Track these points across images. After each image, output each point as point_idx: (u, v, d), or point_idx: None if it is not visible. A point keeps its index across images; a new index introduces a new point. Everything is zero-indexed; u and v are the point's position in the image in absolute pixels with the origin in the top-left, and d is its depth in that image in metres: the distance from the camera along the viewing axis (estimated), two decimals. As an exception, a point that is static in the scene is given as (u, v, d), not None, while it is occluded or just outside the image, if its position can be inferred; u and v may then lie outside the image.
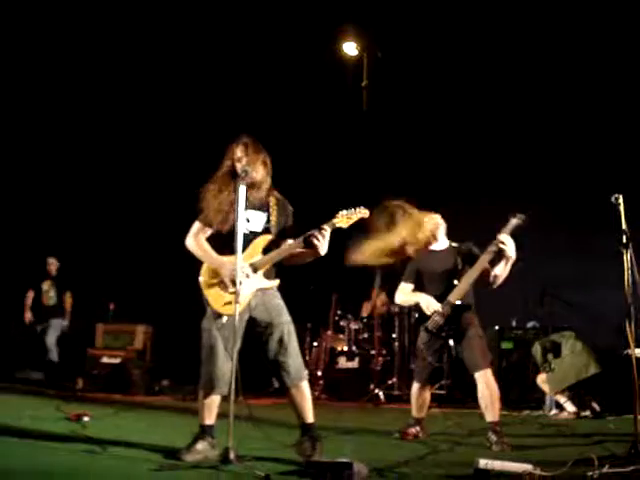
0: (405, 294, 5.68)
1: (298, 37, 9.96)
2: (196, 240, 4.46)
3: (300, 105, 10.37)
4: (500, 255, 5.22)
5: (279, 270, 4.54)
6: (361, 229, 5.32)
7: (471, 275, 5.32)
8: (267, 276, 4.38)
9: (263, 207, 4.43)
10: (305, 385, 4.41)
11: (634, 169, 8.52)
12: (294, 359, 4.36)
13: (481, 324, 5.55)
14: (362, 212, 4.36)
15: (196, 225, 4.48)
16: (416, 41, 10.07)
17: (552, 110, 9.42)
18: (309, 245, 4.25)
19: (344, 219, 4.29)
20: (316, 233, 4.22)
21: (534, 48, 9.35)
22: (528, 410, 7.70)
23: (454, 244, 5.66)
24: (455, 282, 5.37)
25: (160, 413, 7.10)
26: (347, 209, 4.31)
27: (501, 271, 5.27)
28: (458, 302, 5.35)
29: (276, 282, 4.39)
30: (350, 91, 10.95)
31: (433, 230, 5.63)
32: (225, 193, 4.37)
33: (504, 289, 5.37)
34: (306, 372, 4.48)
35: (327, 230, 4.24)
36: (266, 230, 4.40)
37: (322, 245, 4.24)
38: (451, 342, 5.42)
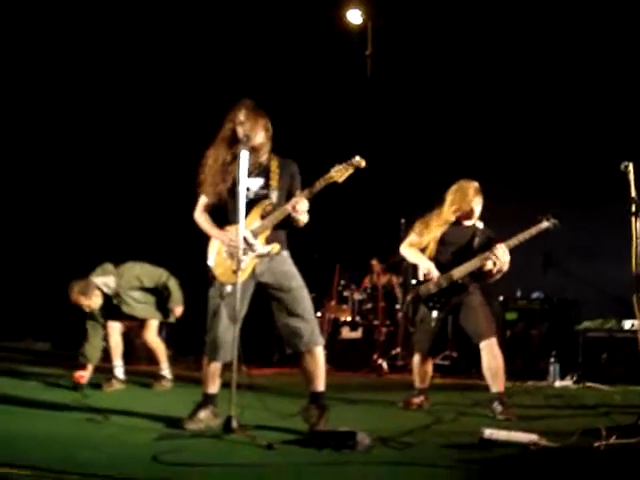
0: (412, 249, 5.53)
1: (302, 4, 9.83)
2: (199, 214, 4.49)
3: (304, 73, 10.26)
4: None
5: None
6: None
7: (475, 263, 5.26)
8: (275, 241, 4.29)
9: (263, 172, 4.36)
10: (319, 351, 4.35)
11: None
12: (307, 323, 4.29)
13: (485, 295, 5.51)
14: (356, 162, 4.19)
15: (200, 199, 4.49)
16: (420, 9, 9.93)
17: (558, 78, 9.30)
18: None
19: (338, 173, 4.17)
20: (293, 202, 4.15)
21: (541, 17, 9.22)
22: (532, 381, 7.67)
23: (480, 225, 5.54)
24: (466, 259, 5.31)
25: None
26: (340, 163, 4.20)
27: (492, 278, 5.29)
28: (459, 280, 5.30)
29: (273, 246, 4.26)
30: (354, 59, 10.83)
31: (475, 205, 5.48)
32: (220, 162, 4.32)
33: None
34: (322, 339, 4.40)
35: (303, 198, 4.16)
36: (265, 196, 4.32)
37: (300, 211, 4.16)
38: (434, 314, 5.36)
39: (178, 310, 6.71)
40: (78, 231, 10.38)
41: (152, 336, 6.72)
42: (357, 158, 4.18)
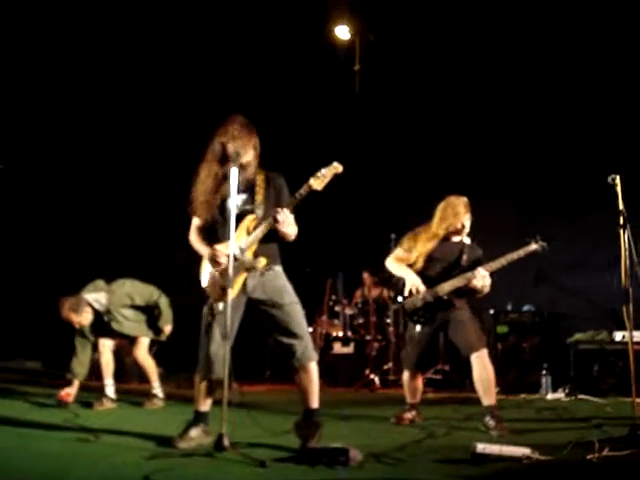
0: (398, 263, 5.52)
1: (290, 20, 9.86)
2: (193, 237, 4.51)
3: (292, 89, 10.28)
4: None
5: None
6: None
7: (460, 281, 5.27)
8: (265, 255, 4.28)
9: (248, 188, 4.35)
10: (313, 367, 4.31)
11: (629, 149, 8.46)
12: (300, 340, 4.27)
13: (476, 308, 5.51)
14: (334, 168, 4.16)
15: (193, 221, 4.51)
16: (409, 25, 9.98)
17: (546, 92, 9.35)
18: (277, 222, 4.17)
19: (317, 181, 4.14)
20: (278, 218, 4.12)
21: (526, 31, 9.27)
22: (524, 394, 7.67)
23: (467, 241, 5.54)
24: (453, 275, 5.33)
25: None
26: (319, 170, 4.17)
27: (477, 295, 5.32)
28: (445, 296, 5.31)
29: (260, 260, 4.22)
30: (342, 75, 10.86)
31: (465, 222, 5.48)
32: (211, 180, 4.33)
33: (499, 273, 5.32)
34: (316, 354, 4.38)
35: (285, 210, 4.12)
36: (250, 211, 4.31)
37: (284, 222, 4.13)
38: (418, 328, 5.38)
39: (167, 329, 6.70)
40: (68, 250, 10.34)
41: (143, 354, 6.70)
42: (335, 164, 4.16)
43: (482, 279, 5.17)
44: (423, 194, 6.82)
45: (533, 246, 5.22)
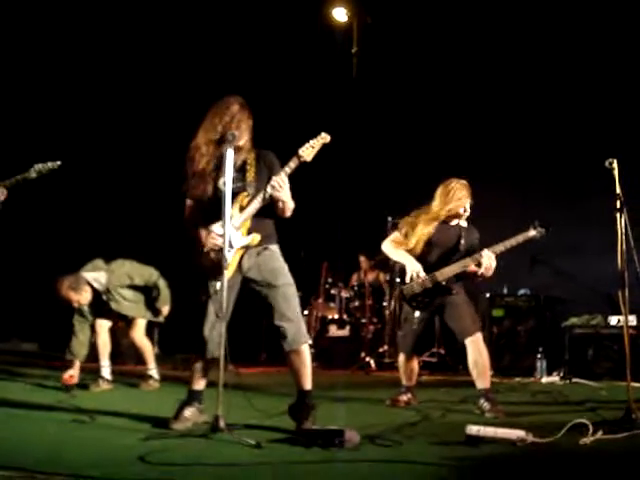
0: (396, 248, 5.49)
1: (288, 2, 9.81)
2: (187, 218, 4.48)
3: (289, 71, 10.25)
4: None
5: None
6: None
7: (459, 266, 5.26)
8: (259, 232, 4.26)
9: (240, 167, 4.32)
10: (305, 350, 4.32)
11: (627, 133, 8.45)
12: (293, 322, 4.25)
13: (472, 291, 5.51)
14: (322, 138, 4.20)
15: (187, 202, 4.47)
16: (406, 7, 9.93)
17: (544, 76, 9.34)
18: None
19: (307, 151, 4.15)
20: (272, 182, 4.11)
21: (526, 15, 9.26)
22: (519, 377, 7.70)
23: (464, 224, 5.52)
24: (452, 260, 5.31)
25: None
26: (308, 141, 4.18)
27: (476, 280, 5.32)
28: (443, 282, 5.29)
29: (253, 237, 4.20)
30: (340, 58, 10.81)
31: (467, 205, 5.47)
32: (203, 161, 4.30)
33: (496, 257, 5.31)
34: (307, 337, 4.39)
35: (283, 176, 4.13)
36: (242, 188, 4.28)
37: (282, 191, 4.12)
38: (417, 314, 5.38)
39: (165, 310, 6.70)
40: (64, 232, 10.33)
41: (139, 335, 6.70)
42: (322, 134, 4.18)
43: (489, 259, 5.15)
44: (420, 177, 6.84)
45: (531, 232, 5.21)
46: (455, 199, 5.39)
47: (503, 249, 5.20)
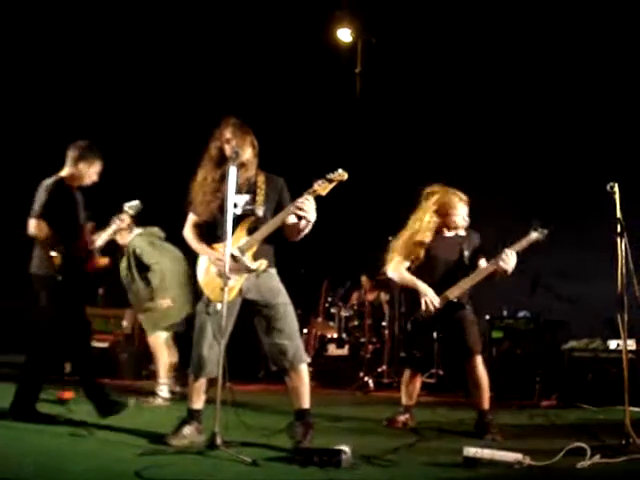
0: (403, 271, 5.42)
1: (292, 22, 9.87)
2: (187, 231, 4.51)
3: (293, 91, 10.29)
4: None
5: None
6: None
7: (474, 279, 5.21)
8: (263, 256, 4.29)
9: (250, 189, 4.36)
10: (303, 369, 4.37)
11: (628, 158, 8.47)
12: (292, 341, 4.30)
13: (476, 312, 5.51)
14: (339, 175, 4.18)
15: (189, 216, 4.51)
16: (410, 28, 9.99)
17: (546, 99, 9.37)
18: (298, 216, 4.20)
19: (322, 186, 4.16)
20: (298, 203, 4.14)
21: (528, 34, 9.29)
22: (517, 399, 7.67)
23: (462, 233, 5.49)
24: (458, 274, 5.28)
25: (147, 397, 7.05)
26: (324, 176, 4.18)
27: (497, 279, 5.24)
28: (454, 299, 5.26)
29: (260, 263, 4.27)
30: (343, 78, 10.86)
31: (462, 215, 5.46)
32: (209, 181, 4.35)
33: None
34: (306, 356, 4.42)
35: (309, 197, 4.14)
36: (251, 212, 4.32)
37: (309, 212, 4.15)
38: (434, 335, 5.36)
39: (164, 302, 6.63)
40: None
41: (152, 342, 6.64)
42: (340, 171, 4.19)
43: (509, 257, 5.05)
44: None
45: (534, 235, 5.15)
46: (452, 214, 5.42)
47: (519, 249, 5.15)
